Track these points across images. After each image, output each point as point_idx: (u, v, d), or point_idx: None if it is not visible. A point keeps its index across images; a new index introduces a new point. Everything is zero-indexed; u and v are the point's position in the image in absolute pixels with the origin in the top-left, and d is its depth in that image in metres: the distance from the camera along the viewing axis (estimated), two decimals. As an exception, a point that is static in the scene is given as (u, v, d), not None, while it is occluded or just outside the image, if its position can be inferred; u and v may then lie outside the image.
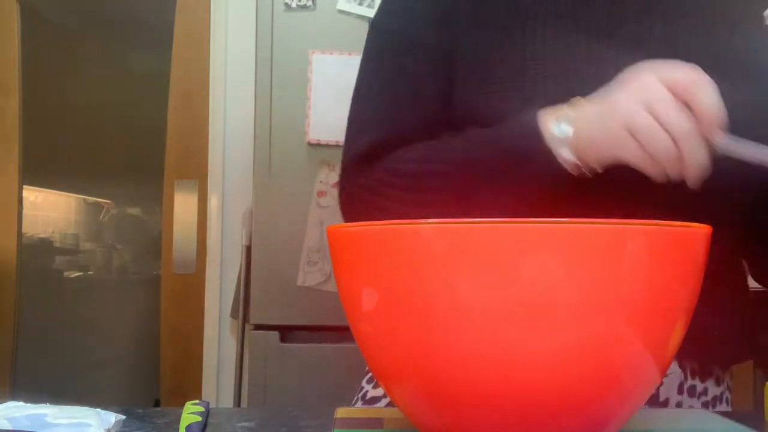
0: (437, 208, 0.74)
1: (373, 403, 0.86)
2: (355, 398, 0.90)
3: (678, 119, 0.60)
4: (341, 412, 0.67)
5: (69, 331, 3.51)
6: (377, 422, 0.62)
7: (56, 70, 3.44)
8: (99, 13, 3.55)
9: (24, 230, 2.73)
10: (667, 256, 0.46)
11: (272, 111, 1.79)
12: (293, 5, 1.80)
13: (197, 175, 2.35)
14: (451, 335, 0.45)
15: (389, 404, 0.83)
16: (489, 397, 0.46)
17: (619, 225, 0.44)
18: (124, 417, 0.61)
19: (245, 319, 2.02)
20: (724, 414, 0.68)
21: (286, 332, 1.79)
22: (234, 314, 2.18)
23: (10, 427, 0.54)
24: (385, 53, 0.85)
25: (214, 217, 2.30)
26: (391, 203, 0.80)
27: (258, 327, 1.80)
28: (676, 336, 0.49)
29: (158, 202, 2.45)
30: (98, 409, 0.60)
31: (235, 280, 2.17)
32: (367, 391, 0.88)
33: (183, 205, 2.36)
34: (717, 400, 0.83)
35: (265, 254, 1.79)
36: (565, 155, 0.66)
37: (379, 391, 0.87)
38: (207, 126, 2.31)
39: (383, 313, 0.48)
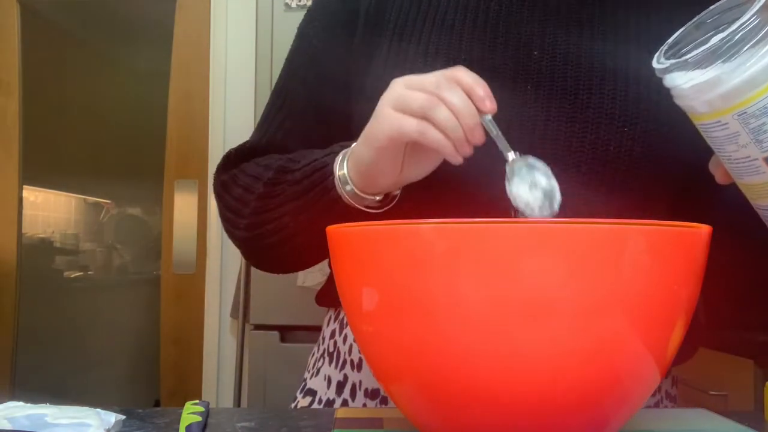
0: (267, 215, 0.75)
1: (313, 395, 0.85)
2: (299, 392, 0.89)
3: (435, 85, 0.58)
4: (341, 412, 0.67)
5: (69, 331, 3.51)
6: (377, 422, 0.62)
7: (56, 70, 3.44)
8: (99, 13, 3.55)
9: (24, 230, 2.73)
10: (667, 256, 0.46)
11: (272, 111, 1.79)
12: (293, 5, 1.80)
13: (197, 175, 2.35)
14: (451, 335, 0.45)
15: (327, 400, 0.83)
16: (489, 397, 0.46)
17: (619, 225, 0.44)
18: (124, 417, 0.61)
19: (245, 319, 2.02)
20: (723, 414, 0.68)
21: (286, 332, 1.79)
22: (234, 314, 2.18)
23: (10, 427, 0.54)
24: (287, 57, 0.86)
25: (214, 217, 2.29)
26: (227, 212, 0.82)
27: (258, 327, 1.80)
28: (676, 336, 0.49)
29: (158, 202, 2.45)
30: (98, 409, 0.60)
31: (235, 280, 2.17)
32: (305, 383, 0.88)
33: (183, 205, 2.36)
34: None
35: (265, 254, 1.79)
36: (347, 192, 0.65)
37: (315, 383, 0.86)
38: (207, 126, 2.30)
39: (384, 313, 0.48)
